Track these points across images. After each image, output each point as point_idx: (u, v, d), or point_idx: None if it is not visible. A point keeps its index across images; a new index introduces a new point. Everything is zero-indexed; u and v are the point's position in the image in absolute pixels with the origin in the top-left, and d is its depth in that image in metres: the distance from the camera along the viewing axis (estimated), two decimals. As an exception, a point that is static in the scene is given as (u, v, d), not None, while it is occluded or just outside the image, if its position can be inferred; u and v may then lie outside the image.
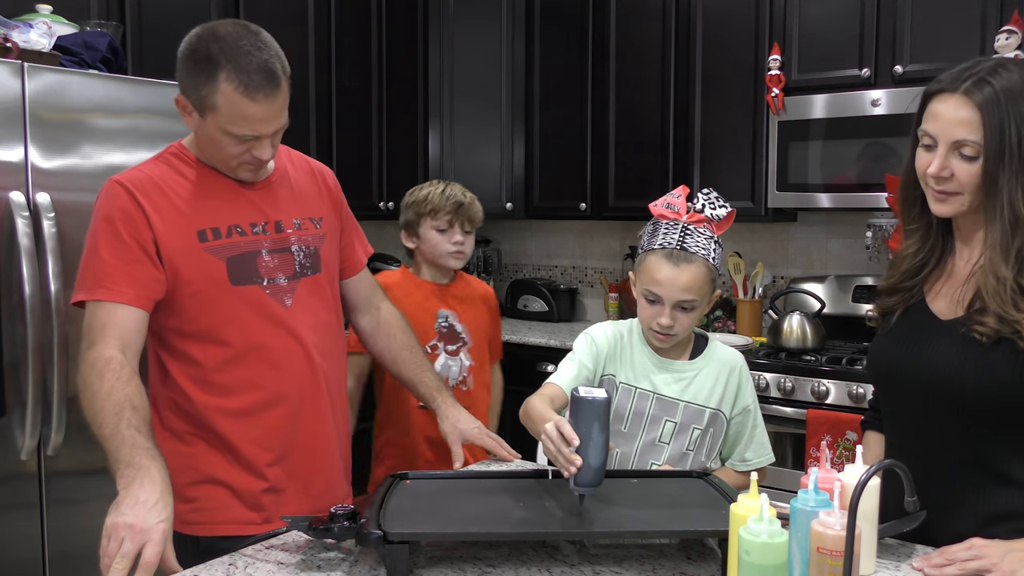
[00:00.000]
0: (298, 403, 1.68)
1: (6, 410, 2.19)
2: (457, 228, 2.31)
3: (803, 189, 3.24)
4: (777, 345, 3.20)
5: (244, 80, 1.50)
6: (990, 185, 1.33)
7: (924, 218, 1.49)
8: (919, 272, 1.50)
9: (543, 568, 1.35)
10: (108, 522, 1.30)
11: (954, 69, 1.38)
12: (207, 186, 1.64)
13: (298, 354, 1.68)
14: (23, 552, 2.22)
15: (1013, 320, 1.32)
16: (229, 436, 1.63)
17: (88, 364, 1.50)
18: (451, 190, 2.34)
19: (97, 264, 1.54)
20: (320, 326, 1.73)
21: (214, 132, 1.56)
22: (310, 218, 1.76)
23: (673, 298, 1.67)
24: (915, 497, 1.28)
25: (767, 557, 1.12)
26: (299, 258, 1.70)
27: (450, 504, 1.47)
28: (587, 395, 1.38)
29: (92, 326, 1.52)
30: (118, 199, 1.58)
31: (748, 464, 1.80)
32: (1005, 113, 1.31)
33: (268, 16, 3.17)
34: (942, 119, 1.36)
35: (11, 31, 2.29)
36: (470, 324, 2.36)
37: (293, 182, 1.76)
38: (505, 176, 4.05)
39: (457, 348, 2.32)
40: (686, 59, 3.54)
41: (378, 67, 3.76)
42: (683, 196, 1.72)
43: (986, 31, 2.88)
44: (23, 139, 2.21)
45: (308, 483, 1.71)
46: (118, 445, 1.39)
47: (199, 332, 1.61)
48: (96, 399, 1.45)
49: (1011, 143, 1.31)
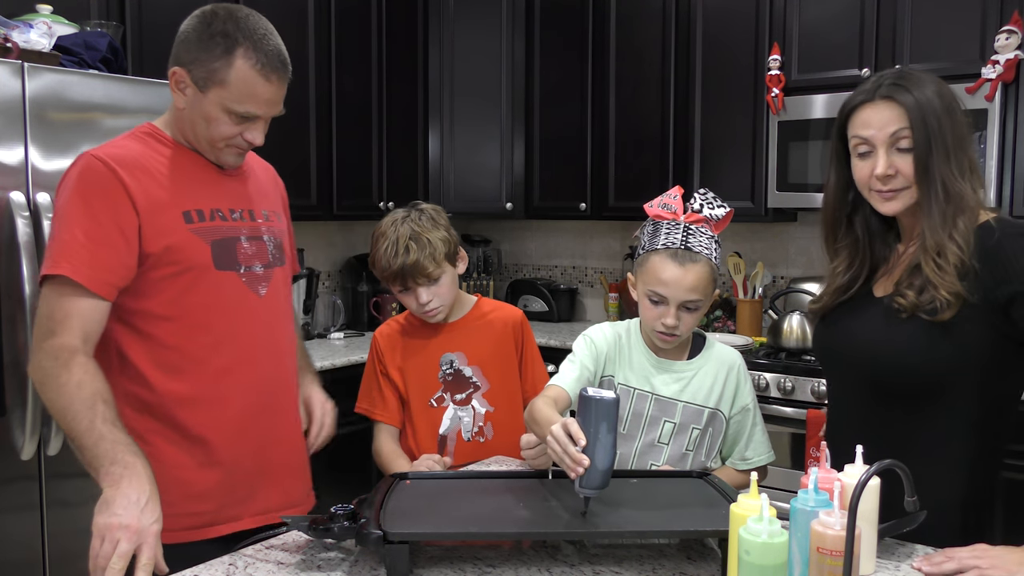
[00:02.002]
0: (268, 394, 1.67)
1: (6, 410, 2.19)
2: (416, 288, 1.94)
3: (803, 189, 3.24)
4: (777, 345, 3.20)
5: (262, 60, 1.52)
6: (923, 172, 1.45)
7: (851, 235, 1.60)
8: (850, 288, 1.60)
9: (543, 568, 1.35)
10: (100, 522, 1.29)
11: (863, 84, 1.52)
12: (186, 168, 1.61)
13: (270, 344, 1.67)
14: (23, 553, 2.22)
15: (937, 287, 1.42)
16: (190, 426, 1.57)
17: (49, 354, 1.44)
18: (395, 244, 1.91)
19: (68, 240, 1.47)
20: (287, 317, 1.74)
21: (212, 109, 1.54)
22: (274, 211, 1.76)
23: (679, 298, 1.67)
24: (915, 497, 1.28)
25: (767, 557, 1.12)
26: (271, 248, 1.70)
27: (450, 504, 1.47)
28: (596, 395, 1.37)
29: (52, 315, 1.45)
30: (98, 176, 1.50)
31: (748, 463, 1.80)
32: (926, 108, 1.44)
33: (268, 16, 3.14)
34: (873, 122, 1.48)
35: (11, 31, 2.29)
36: (485, 364, 2.02)
37: (256, 175, 1.76)
38: (505, 176, 4.05)
39: (467, 396, 2.01)
40: (686, 59, 3.54)
41: (378, 67, 3.76)
42: (679, 196, 1.72)
43: (986, 31, 2.88)
44: (23, 139, 2.21)
45: (274, 474, 1.69)
46: (96, 441, 1.37)
47: (175, 315, 1.56)
48: (64, 392, 1.41)
49: (934, 130, 1.43)
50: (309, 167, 3.48)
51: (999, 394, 1.50)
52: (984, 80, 2.83)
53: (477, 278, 4.22)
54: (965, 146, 1.47)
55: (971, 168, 1.47)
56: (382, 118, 3.80)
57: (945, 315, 1.42)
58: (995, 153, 2.85)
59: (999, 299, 1.42)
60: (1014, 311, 1.41)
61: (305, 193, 3.47)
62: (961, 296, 1.41)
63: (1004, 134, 2.86)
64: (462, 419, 2.01)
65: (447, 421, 2.00)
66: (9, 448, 2.20)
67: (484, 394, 2.02)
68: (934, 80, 1.49)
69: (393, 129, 3.85)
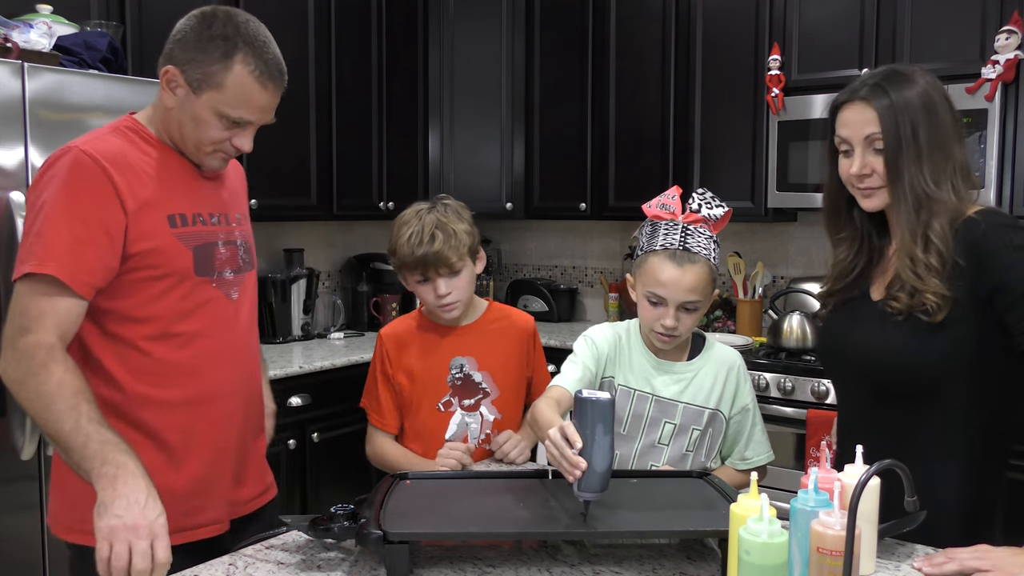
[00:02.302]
0: (237, 397, 1.66)
1: (6, 410, 2.19)
2: (436, 279, 1.90)
3: (803, 189, 3.24)
4: (777, 345, 3.20)
5: (261, 67, 1.52)
6: (893, 173, 1.48)
7: (850, 225, 1.63)
8: (849, 275, 1.63)
9: (543, 568, 1.35)
10: (103, 526, 1.27)
11: (851, 83, 1.56)
12: (170, 168, 1.59)
13: (239, 349, 1.67)
14: (23, 553, 2.22)
15: (923, 291, 1.45)
16: (159, 429, 1.55)
17: (24, 353, 1.40)
18: (420, 233, 1.88)
19: (54, 239, 1.43)
20: (253, 322, 1.74)
21: (204, 111, 1.52)
22: (244, 214, 1.76)
23: (678, 299, 1.66)
24: (915, 497, 1.29)
25: (767, 557, 1.12)
26: (241, 252, 1.69)
27: (450, 504, 1.47)
28: (590, 396, 1.36)
29: (27, 311, 1.41)
30: (88, 173, 1.46)
31: (748, 463, 1.80)
32: (900, 110, 1.47)
33: (268, 16, 3.13)
34: (851, 123, 1.52)
35: (11, 31, 2.29)
36: (496, 371, 1.97)
37: (229, 176, 1.75)
38: (505, 176, 4.05)
39: (476, 402, 1.96)
40: (686, 59, 3.54)
41: (378, 67, 3.76)
42: (677, 196, 1.72)
43: (986, 31, 2.88)
44: (23, 139, 2.21)
45: (243, 476, 1.69)
46: (84, 443, 1.35)
47: (149, 318, 1.53)
48: (43, 391, 1.37)
49: (906, 134, 1.46)
50: (309, 167, 3.48)
51: (1001, 394, 1.50)
52: (984, 80, 2.83)
53: (477, 278, 4.22)
54: (947, 146, 1.48)
55: (957, 169, 1.48)
56: (382, 118, 3.80)
57: (938, 317, 1.44)
58: (995, 153, 2.85)
59: (983, 291, 1.43)
60: (998, 302, 1.43)
61: (305, 193, 3.47)
62: (948, 297, 1.43)
63: (1004, 134, 2.86)
64: (469, 425, 1.95)
65: (453, 426, 1.95)
66: (9, 448, 2.20)
67: (493, 401, 1.97)
68: (923, 77, 1.50)
69: (393, 129, 3.85)
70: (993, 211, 1.51)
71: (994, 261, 1.42)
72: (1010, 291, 1.41)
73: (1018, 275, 1.41)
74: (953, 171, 1.48)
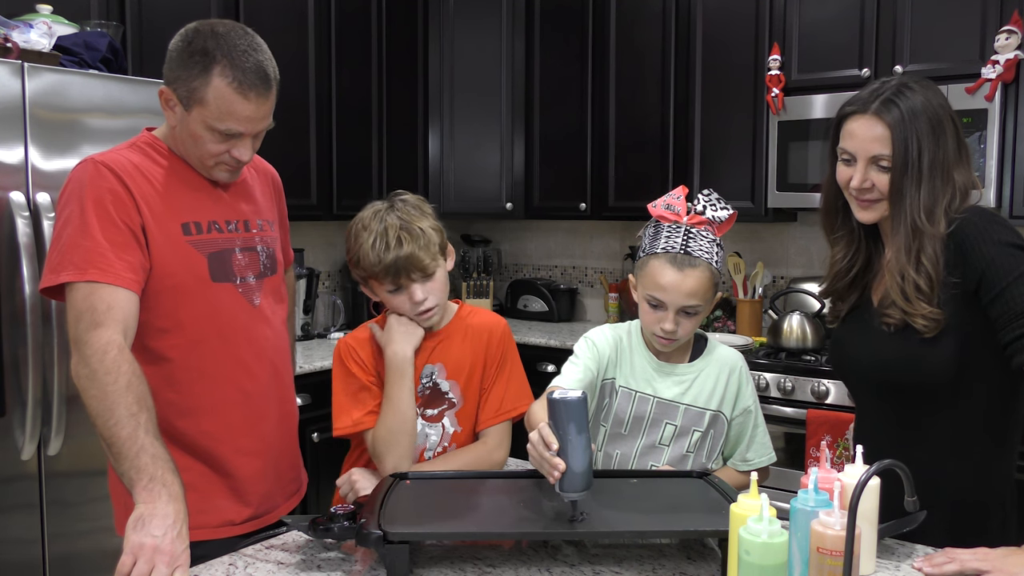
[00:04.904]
0: (265, 402, 1.68)
1: (6, 410, 2.19)
2: (411, 285, 1.72)
3: (803, 189, 3.24)
4: (777, 345, 3.20)
5: (239, 77, 1.51)
6: (896, 195, 1.50)
7: (847, 225, 1.65)
8: (847, 274, 1.65)
9: (543, 568, 1.35)
10: (135, 540, 1.26)
11: (863, 91, 1.55)
12: (184, 179, 1.62)
13: (264, 353, 1.68)
14: (23, 553, 2.22)
15: (912, 315, 1.48)
16: (190, 435, 1.59)
17: (97, 349, 1.40)
18: (384, 236, 1.70)
19: (90, 245, 1.46)
20: (280, 325, 1.76)
21: (197, 128, 1.54)
22: (268, 220, 1.77)
23: (677, 303, 1.66)
24: (915, 497, 1.29)
25: (767, 557, 1.12)
26: (263, 258, 1.71)
27: (450, 504, 1.47)
28: (560, 396, 1.34)
29: (95, 306, 1.43)
30: (106, 180, 1.51)
31: (750, 464, 1.79)
32: (909, 130, 1.48)
33: (268, 16, 3.17)
34: (858, 137, 1.52)
35: (11, 31, 2.29)
36: (463, 379, 1.80)
37: (252, 183, 1.77)
38: (505, 176, 4.05)
39: (440, 412, 1.80)
40: (686, 59, 3.54)
41: (378, 67, 3.76)
42: (683, 197, 1.71)
43: (986, 31, 2.88)
44: (23, 139, 2.21)
45: (274, 480, 1.71)
46: (137, 452, 1.35)
47: (171, 327, 1.57)
48: (110, 392, 1.38)
49: (913, 157, 1.47)
50: (309, 167, 3.48)
51: (1006, 395, 1.50)
52: (984, 80, 2.83)
53: (477, 278, 4.22)
54: (949, 171, 1.49)
55: (956, 193, 1.49)
56: (382, 118, 3.80)
57: (931, 335, 1.47)
58: (995, 153, 2.85)
59: (971, 287, 1.46)
60: (982, 296, 1.45)
61: (305, 193, 3.48)
62: (938, 318, 1.46)
63: (1004, 134, 2.86)
64: (429, 436, 1.79)
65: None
66: (9, 448, 2.20)
67: (457, 412, 1.81)
68: (933, 94, 1.51)
69: (393, 129, 3.85)
70: (976, 208, 1.52)
71: (976, 257, 1.45)
72: (992, 286, 1.43)
73: (998, 270, 1.43)
74: (952, 196, 1.49)
